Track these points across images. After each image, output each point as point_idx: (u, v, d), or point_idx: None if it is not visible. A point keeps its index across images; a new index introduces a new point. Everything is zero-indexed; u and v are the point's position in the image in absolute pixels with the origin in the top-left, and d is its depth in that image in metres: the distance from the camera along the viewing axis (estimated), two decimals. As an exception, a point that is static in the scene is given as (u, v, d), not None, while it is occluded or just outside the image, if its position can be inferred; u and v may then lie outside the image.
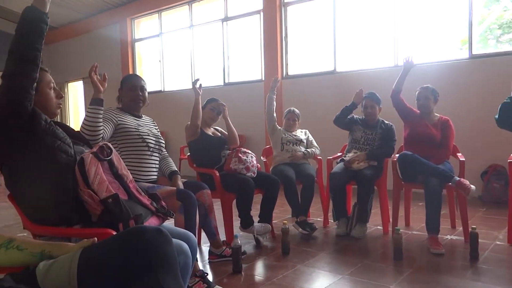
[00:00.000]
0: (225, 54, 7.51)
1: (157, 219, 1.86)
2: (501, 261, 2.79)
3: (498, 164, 4.69)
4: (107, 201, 1.64)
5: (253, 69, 7.22)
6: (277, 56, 6.64)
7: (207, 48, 7.91)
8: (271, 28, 6.70)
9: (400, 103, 3.55)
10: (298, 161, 3.83)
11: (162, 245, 1.21)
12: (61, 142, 1.65)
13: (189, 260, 1.65)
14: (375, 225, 3.72)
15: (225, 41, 7.50)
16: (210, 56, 7.85)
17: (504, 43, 5.42)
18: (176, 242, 1.64)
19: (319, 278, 2.59)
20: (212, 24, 7.70)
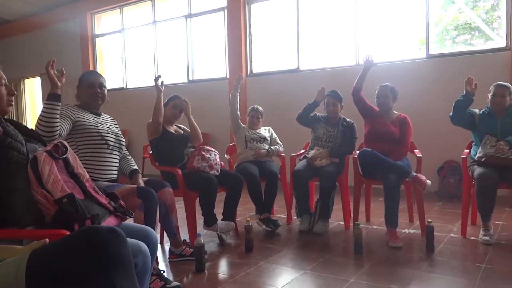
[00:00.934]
0: (189, 51, 7.44)
1: (115, 219, 1.82)
2: (454, 252, 2.91)
3: (453, 160, 4.90)
4: (62, 201, 1.58)
5: (217, 67, 7.18)
6: (241, 53, 6.64)
7: (171, 45, 7.80)
8: (235, 26, 6.68)
9: (361, 101, 3.63)
10: (262, 158, 3.84)
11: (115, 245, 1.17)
12: (12, 140, 1.58)
13: (148, 260, 1.62)
14: (337, 221, 3.80)
15: (189, 38, 7.42)
16: (173, 53, 7.75)
17: (460, 44, 5.66)
18: (134, 242, 1.61)
19: (282, 274, 2.62)
20: (176, 21, 7.60)
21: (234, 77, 3.97)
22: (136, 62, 8.35)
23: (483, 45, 5.28)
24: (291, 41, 6.37)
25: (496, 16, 5.24)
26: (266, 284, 2.46)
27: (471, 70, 4.29)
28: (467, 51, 5.27)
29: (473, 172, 3.20)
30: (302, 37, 6.28)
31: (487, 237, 3.08)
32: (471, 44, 5.50)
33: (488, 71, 4.72)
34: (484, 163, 3.12)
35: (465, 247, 3.05)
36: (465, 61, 5.04)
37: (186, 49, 7.45)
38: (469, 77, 3.31)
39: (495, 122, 3.27)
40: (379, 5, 5.79)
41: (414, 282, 2.39)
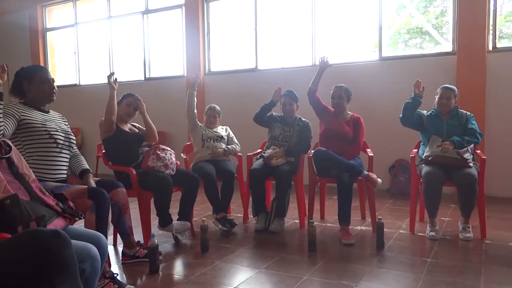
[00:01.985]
0: (145, 48, 7.29)
1: (63, 220, 1.76)
2: (403, 248, 3.04)
3: (403, 159, 5.10)
4: (5, 202, 1.51)
5: (175, 65, 7.09)
6: (199, 52, 6.58)
7: (127, 41, 7.60)
8: (193, 23, 6.62)
9: (316, 101, 3.70)
10: (219, 157, 3.83)
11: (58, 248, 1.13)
12: None
13: (98, 264, 1.58)
14: (292, 219, 3.86)
15: (145, 35, 7.27)
16: (130, 49, 7.56)
17: (412, 47, 5.89)
18: (83, 246, 1.56)
19: (237, 273, 2.63)
20: (132, 17, 7.41)
21: (192, 75, 3.93)
22: (90, 58, 8.07)
23: (433, 49, 5.53)
24: (249, 40, 6.39)
25: (445, 21, 5.49)
26: (221, 283, 2.46)
27: (420, 73, 4.49)
28: (417, 54, 5.50)
29: (421, 170, 3.35)
30: (260, 37, 6.31)
31: (433, 232, 3.24)
32: (422, 47, 5.74)
33: (437, 74, 4.95)
34: (430, 162, 3.28)
35: (413, 242, 3.19)
36: (415, 64, 5.25)
37: (142, 46, 7.29)
38: (417, 80, 3.46)
39: (442, 123, 3.43)
40: (335, 8, 5.92)
41: (365, 277, 2.47)
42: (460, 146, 3.24)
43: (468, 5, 4.89)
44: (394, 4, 5.77)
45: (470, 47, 4.87)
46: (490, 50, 4.92)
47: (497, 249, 2.97)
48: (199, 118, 4.03)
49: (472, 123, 3.38)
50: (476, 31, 4.85)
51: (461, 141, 3.25)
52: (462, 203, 3.23)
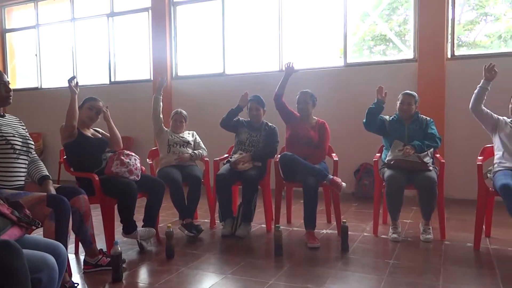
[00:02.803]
0: (111, 51, 7.15)
1: (19, 230, 1.69)
2: (367, 250, 3.10)
3: (368, 163, 5.22)
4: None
5: (141, 68, 6.99)
6: (166, 55, 6.52)
7: (91, 44, 7.44)
8: (159, 27, 6.55)
9: (282, 106, 3.73)
10: (185, 163, 3.80)
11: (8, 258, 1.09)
12: None
13: (55, 274, 1.53)
14: (259, 224, 3.87)
15: (111, 38, 7.14)
16: (94, 52, 7.39)
17: (376, 54, 6.06)
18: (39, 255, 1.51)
19: (202, 279, 2.60)
20: (97, 19, 7.26)
21: (158, 79, 3.89)
22: (52, 60, 7.84)
23: (396, 56, 5.70)
24: (217, 45, 6.38)
25: (408, 29, 5.67)
26: (186, 290, 2.43)
27: (384, 79, 4.62)
28: (380, 61, 5.65)
29: (384, 174, 3.44)
30: (228, 41, 6.32)
31: (395, 234, 3.32)
32: (386, 54, 5.91)
33: (399, 80, 5.10)
34: (393, 166, 3.37)
35: (376, 245, 3.26)
36: (379, 70, 5.40)
37: (108, 49, 7.15)
38: (380, 86, 3.55)
39: (403, 128, 3.54)
40: (301, 14, 6.01)
41: (329, 280, 2.51)
42: (420, 150, 3.34)
43: (428, 14, 5.08)
44: (359, 11, 5.91)
45: (430, 54, 5.06)
46: (449, 57, 5.12)
47: (456, 250, 3.08)
48: (165, 123, 3.99)
49: (432, 128, 3.50)
50: (436, 39, 5.04)
51: (421, 145, 3.36)
52: (422, 206, 3.33)
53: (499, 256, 2.93)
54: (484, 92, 3.17)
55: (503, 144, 3.13)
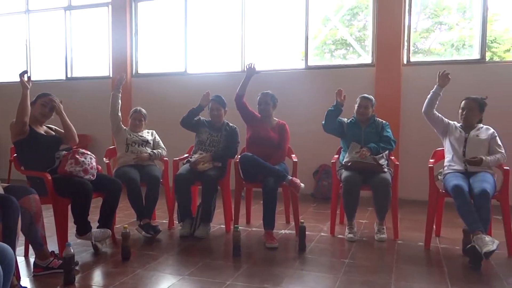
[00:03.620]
0: (68, 46, 6.90)
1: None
2: (323, 250, 3.17)
3: (326, 164, 5.32)
4: None
5: (99, 65, 6.79)
6: (127, 52, 6.38)
7: (47, 37, 7.15)
8: (120, 23, 6.40)
9: (243, 106, 3.74)
10: (143, 162, 3.73)
11: None
12: None
13: (0, 279, 1.46)
14: (218, 224, 3.85)
15: (68, 32, 6.89)
16: (50, 46, 7.11)
17: (337, 58, 6.19)
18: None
19: (159, 281, 2.56)
20: (53, 12, 6.99)
21: (117, 76, 3.79)
22: (4, 53, 7.46)
23: (355, 60, 5.84)
24: (179, 43, 6.31)
25: (367, 34, 5.84)
26: (141, 292, 2.39)
27: (343, 82, 4.72)
28: (340, 64, 5.79)
29: (341, 175, 3.52)
30: (190, 40, 6.26)
31: (351, 234, 3.41)
32: (346, 58, 6.05)
33: (358, 84, 5.24)
34: (349, 167, 3.45)
35: (332, 244, 3.33)
36: (339, 73, 5.53)
37: (64, 43, 6.90)
38: (339, 89, 3.62)
39: (360, 130, 3.63)
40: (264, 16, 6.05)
41: (286, 280, 2.54)
42: (376, 153, 3.45)
43: (386, 21, 5.25)
44: (321, 15, 6.02)
45: (387, 60, 5.23)
46: (404, 63, 5.31)
47: (408, 249, 3.20)
48: (124, 121, 3.89)
49: (387, 131, 3.62)
50: (392, 46, 5.22)
51: (377, 147, 3.47)
52: (377, 206, 3.43)
53: (448, 254, 3.07)
54: (436, 97, 3.31)
55: (453, 147, 3.28)
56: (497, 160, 3.16)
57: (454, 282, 2.51)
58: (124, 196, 3.28)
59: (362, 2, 5.94)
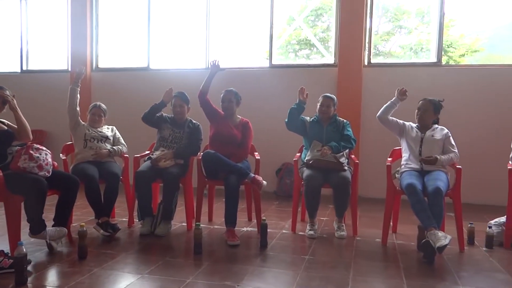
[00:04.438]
0: (23, 37, 6.61)
1: None
2: (285, 247, 3.20)
3: (289, 162, 5.37)
4: None
5: (58, 58, 6.55)
6: (87, 46, 6.18)
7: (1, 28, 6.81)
8: (80, 15, 6.19)
9: (207, 103, 3.71)
10: (102, 159, 3.63)
11: None
12: None
13: None
14: (180, 222, 3.81)
15: (24, 22, 6.59)
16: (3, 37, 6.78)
17: (301, 57, 6.26)
18: None
19: (117, 280, 2.50)
20: (7, 1, 6.67)
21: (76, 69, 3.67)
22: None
23: (319, 60, 5.93)
24: (142, 38, 6.18)
25: (330, 35, 5.94)
26: (98, 292, 2.32)
27: (307, 82, 4.77)
28: (303, 64, 5.86)
29: (303, 173, 3.56)
30: (153, 35, 6.15)
31: (312, 231, 3.46)
32: (310, 58, 6.13)
33: (321, 83, 5.33)
34: (311, 165, 3.50)
35: (294, 241, 3.37)
36: (302, 73, 5.60)
37: (20, 34, 6.60)
38: (301, 87, 3.67)
39: (322, 129, 3.69)
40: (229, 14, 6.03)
41: (247, 276, 2.54)
42: (337, 151, 3.51)
43: (348, 23, 5.36)
44: (286, 15, 6.07)
45: (349, 61, 5.35)
46: (365, 64, 5.45)
47: (366, 245, 3.28)
48: (83, 117, 3.77)
49: (348, 130, 3.70)
50: (354, 47, 5.34)
51: (338, 146, 3.53)
52: (336, 204, 3.50)
53: (403, 250, 3.18)
54: (393, 107, 3.45)
55: (409, 147, 3.39)
56: (451, 159, 3.30)
57: (409, 276, 2.60)
58: (81, 193, 3.18)
59: (326, 3, 6.04)
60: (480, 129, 5.09)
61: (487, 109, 5.08)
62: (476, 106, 5.12)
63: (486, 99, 5.09)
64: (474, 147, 4.96)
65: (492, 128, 5.03)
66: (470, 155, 4.67)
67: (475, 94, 5.13)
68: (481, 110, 5.10)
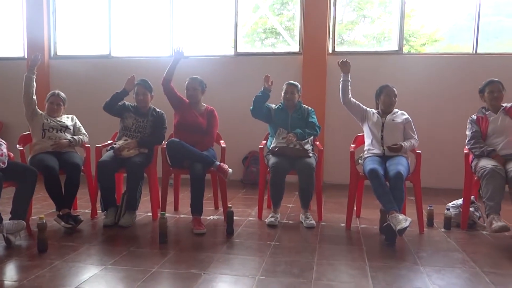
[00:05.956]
0: (-26, 22, 6.25)
1: None
2: (251, 234, 3.21)
3: (255, 150, 5.37)
4: None
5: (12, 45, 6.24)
6: (44, 32, 5.93)
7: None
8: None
9: (171, 91, 3.65)
10: (62, 149, 3.51)
11: None
12: None
13: None
14: (145, 212, 3.76)
15: (-26, 7, 6.24)
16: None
17: (267, 46, 6.24)
18: None
19: (79, 272, 2.44)
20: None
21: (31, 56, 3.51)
22: None
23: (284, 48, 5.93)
24: (103, 24, 5.98)
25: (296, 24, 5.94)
26: (59, 285, 2.25)
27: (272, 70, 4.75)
28: (268, 52, 5.85)
29: (268, 161, 3.58)
30: (115, 22, 5.97)
31: (272, 219, 3.46)
32: (276, 47, 6.12)
33: (286, 71, 5.35)
34: (276, 152, 3.52)
35: (260, 228, 3.39)
36: (267, 61, 5.59)
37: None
38: (266, 75, 3.67)
39: (287, 116, 3.71)
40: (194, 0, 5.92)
41: (213, 264, 2.54)
42: (302, 138, 3.55)
43: (312, 12, 5.39)
44: (251, 4, 6.02)
45: (313, 49, 5.39)
46: (330, 52, 5.50)
47: (330, 230, 3.35)
48: (41, 106, 3.63)
49: (313, 117, 3.73)
50: (318, 35, 5.38)
51: (303, 133, 3.57)
52: (301, 191, 3.53)
53: (366, 233, 3.27)
54: (347, 84, 3.50)
55: (372, 132, 3.47)
56: (412, 145, 3.40)
57: (371, 258, 2.67)
58: (41, 185, 3.07)
59: (291, -8, 6.03)
60: (438, 116, 5.27)
61: (445, 96, 5.26)
62: (434, 93, 5.28)
63: (444, 86, 5.27)
64: (433, 133, 5.14)
65: (450, 114, 5.22)
66: (429, 140, 4.84)
67: (434, 81, 5.29)
68: (439, 97, 5.28)
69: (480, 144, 3.31)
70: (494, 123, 3.34)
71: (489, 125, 3.34)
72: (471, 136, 3.40)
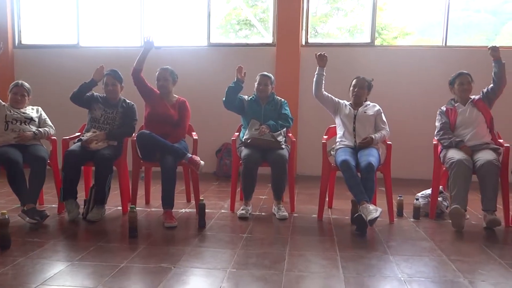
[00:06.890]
0: None
1: None
2: (223, 226, 3.19)
3: (229, 143, 5.34)
4: None
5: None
6: (7, 20, 5.69)
7: None
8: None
9: (141, 82, 3.56)
10: (27, 142, 3.38)
11: None
12: None
13: None
14: (115, 206, 3.67)
15: None
16: None
17: (241, 37, 6.18)
18: None
19: (44, 269, 2.35)
20: None
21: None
22: None
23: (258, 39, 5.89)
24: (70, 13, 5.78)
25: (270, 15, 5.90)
26: (23, 282, 2.16)
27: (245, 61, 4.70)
28: (241, 43, 5.81)
29: (241, 153, 3.55)
30: (83, 10, 5.78)
31: (243, 211, 3.44)
32: (250, 38, 6.07)
33: (260, 62, 5.32)
34: (249, 144, 3.50)
35: (232, 221, 3.36)
36: (241, 52, 5.55)
37: None
38: (239, 66, 3.62)
39: (260, 108, 3.69)
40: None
41: (184, 257, 2.50)
42: (275, 130, 3.53)
43: (286, 4, 5.38)
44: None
45: (287, 41, 5.37)
46: (303, 44, 5.50)
47: (302, 221, 3.36)
48: (3, 97, 3.48)
49: (286, 109, 3.72)
50: (292, 27, 5.37)
51: (275, 125, 3.55)
52: (274, 183, 3.52)
53: (338, 224, 3.29)
54: (321, 78, 3.50)
55: (344, 124, 3.49)
56: (383, 137, 3.44)
57: (342, 248, 2.69)
58: (4, 179, 2.94)
59: (265, -17, 5.98)
60: (409, 107, 5.36)
61: (416, 88, 5.36)
62: (405, 85, 5.37)
63: (414, 78, 5.36)
64: (403, 125, 5.22)
65: (419, 106, 5.31)
66: (399, 132, 4.91)
67: (405, 73, 5.37)
68: (410, 89, 5.36)
69: (448, 135, 3.38)
70: (462, 114, 3.41)
71: (458, 117, 3.41)
72: (440, 127, 3.46)
